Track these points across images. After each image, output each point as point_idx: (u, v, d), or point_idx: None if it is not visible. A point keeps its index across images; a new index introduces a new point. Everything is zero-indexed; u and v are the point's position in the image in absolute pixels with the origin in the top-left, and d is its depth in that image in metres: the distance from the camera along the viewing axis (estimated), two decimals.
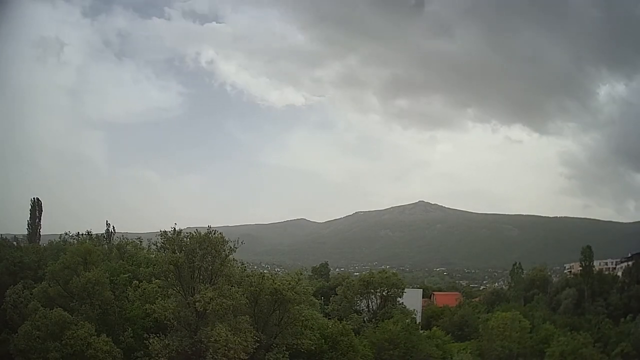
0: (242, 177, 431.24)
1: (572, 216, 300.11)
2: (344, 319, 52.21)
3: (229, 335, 35.12)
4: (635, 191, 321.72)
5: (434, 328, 60.75)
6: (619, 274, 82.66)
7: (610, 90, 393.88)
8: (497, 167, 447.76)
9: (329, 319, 52.67)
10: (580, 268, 78.63)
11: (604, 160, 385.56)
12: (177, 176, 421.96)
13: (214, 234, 38.74)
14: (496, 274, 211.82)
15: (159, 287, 40.35)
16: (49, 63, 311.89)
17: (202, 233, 38.85)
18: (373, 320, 59.33)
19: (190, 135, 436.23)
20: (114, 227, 64.25)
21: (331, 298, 67.04)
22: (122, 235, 63.02)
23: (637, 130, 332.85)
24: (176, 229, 39.29)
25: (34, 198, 69.22)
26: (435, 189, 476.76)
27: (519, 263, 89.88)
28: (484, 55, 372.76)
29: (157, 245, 42.74)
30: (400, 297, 63.85)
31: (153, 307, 37.56)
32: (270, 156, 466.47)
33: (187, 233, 39.25)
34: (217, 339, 34.76)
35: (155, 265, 40.96)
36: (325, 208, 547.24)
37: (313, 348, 41.57)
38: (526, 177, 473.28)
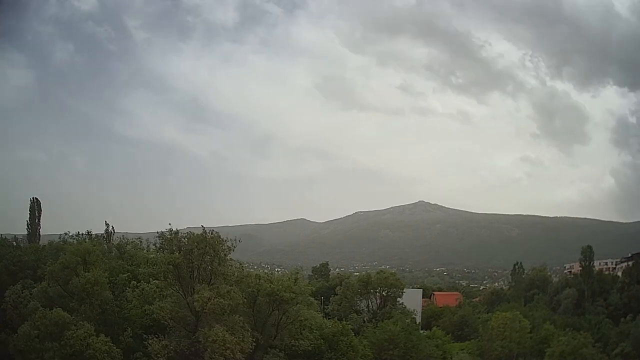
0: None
1: (572, 216, 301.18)
2: (344, 319, 52.14)
3: (227, 335, 35.00)
4: None
5: (434, 328, 60.87)
6: (619, 274, 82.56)
7: None
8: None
9: (328, 319, 52.60)
10: (580, 268, 78.58)
11: None
12: (66, 156, 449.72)
13: (211, 233, 38.58)
14: (496, 274, 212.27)
15: (157, 287, 40.26)
16: None
17: (196, 233, 38.65)
18: (373, 320, 59.34)
19: (53, 112, 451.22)
20: (113, 227, 64.09)
21: (331, 298, 67.04)
22: (122, 235, 62.87)
23: None
24: (174, 229, 39.11)
25: (33, 198, 69.38)
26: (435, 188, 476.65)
27: (520, 263, 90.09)
28: None
29: (156, 246, 42.61)
30: (400, 297, 63.88)
31: (152, 307, 37.49)
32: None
33: (184, 233, 39.10)
34: (215, 339, 34.63)
35: (154, 265, 40.84)
36: (325, 208, 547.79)
37: (310, 349, 41.36)
38: None
